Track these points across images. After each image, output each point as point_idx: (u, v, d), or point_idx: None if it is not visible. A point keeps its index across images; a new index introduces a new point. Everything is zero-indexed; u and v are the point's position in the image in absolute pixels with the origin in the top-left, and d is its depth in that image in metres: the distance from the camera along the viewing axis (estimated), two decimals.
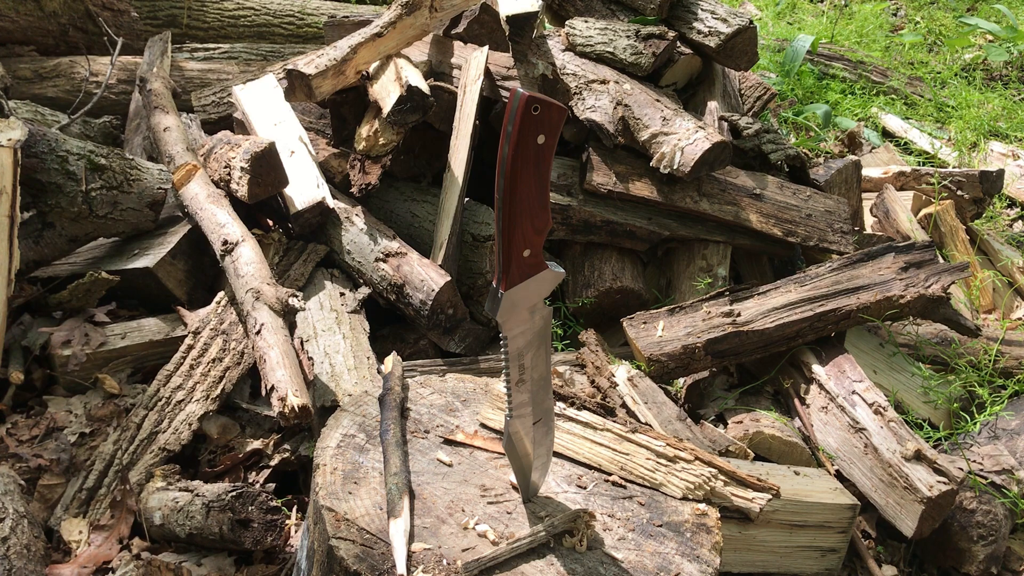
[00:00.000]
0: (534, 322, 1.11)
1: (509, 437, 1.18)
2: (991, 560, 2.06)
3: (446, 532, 1.18)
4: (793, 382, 2.33)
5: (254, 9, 3.79)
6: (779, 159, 2.71)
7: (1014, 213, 3.81)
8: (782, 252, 2.67)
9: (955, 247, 3.17)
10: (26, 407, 2.18)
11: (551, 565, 1.15)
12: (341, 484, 1.24)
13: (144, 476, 1.98)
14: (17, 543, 1.72)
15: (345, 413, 1.41)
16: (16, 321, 2.30)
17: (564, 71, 2.67)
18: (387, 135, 2.44)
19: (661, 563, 1.18)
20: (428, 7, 2.53)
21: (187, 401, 2.11)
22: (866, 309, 2.32)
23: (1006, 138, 4.39)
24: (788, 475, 2.03)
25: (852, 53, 4.93)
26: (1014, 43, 5.23)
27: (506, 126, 0.90)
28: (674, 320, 2.30)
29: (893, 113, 4.44)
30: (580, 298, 2.49)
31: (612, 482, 1.34)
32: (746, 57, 2.81)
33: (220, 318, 2.26)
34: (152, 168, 2.51)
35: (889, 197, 3.24)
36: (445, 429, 1.39)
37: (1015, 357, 2.58)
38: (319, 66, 2.40)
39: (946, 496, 1.96)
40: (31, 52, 3.45)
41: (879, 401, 2.14)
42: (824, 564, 2.00)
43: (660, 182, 2.53)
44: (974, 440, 2.29)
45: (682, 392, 2.29)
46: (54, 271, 2.42)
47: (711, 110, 2.77)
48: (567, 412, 1.44)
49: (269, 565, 1.84)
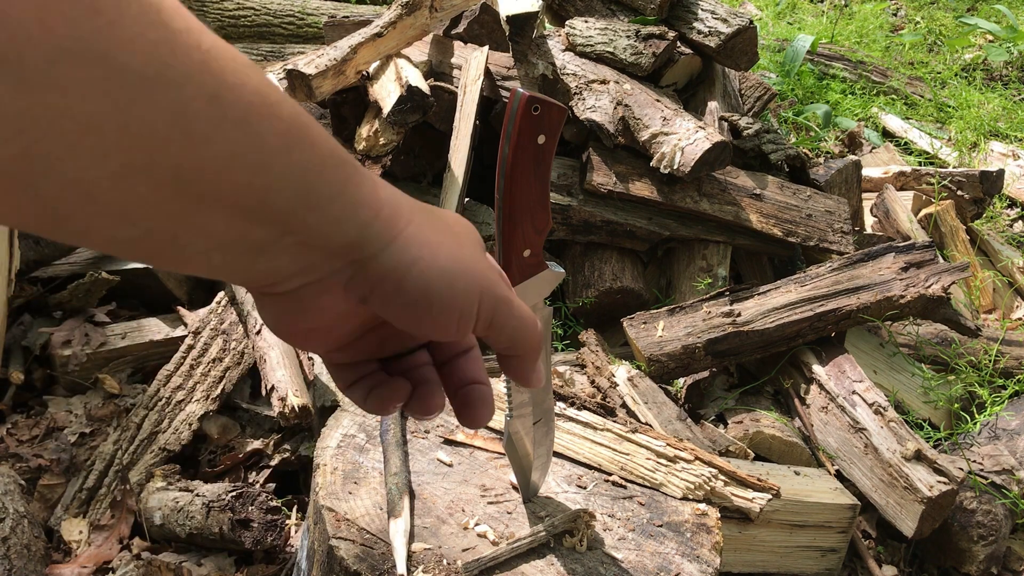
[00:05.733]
0: None
1: (509, 437, 1.18)
2: (991, 560, 2.06)
3: (446, 532, 1.18)
4: (793, 382, 2.33)
5: (254, 9, 3.79)
6: (779, 159, 2.71)
7: (1014, 213, 3.81)
8: (782, 252, 2.67)
9: (955, 247, 3.17)
10: (26, 407, 2.18)
11: (551, 565, 1.15)
12: (341, 484, 1.24)
13: (144, 476, 1.98)
14: (17, 543, 1.72)
15: (345, 413, 1.41)
16: (16, 321, 2.30)
17: (564, 71, 2.67)
18: (387, 135, 2.44)
19: (661, 563, 1.18)
20: (428, 7, 2.53)
21: (187, 401, 2.11)
22: (866, 309, 2.32)
23: (1006, 138, 4.38)
24: (788, 475, 2.03)
25: (852, 53, 4.93)
26: (1014, 43, 5.23)
27: (506, 126, 0.90)
28: (674, 320, 2.30)
29: (893, 113, 4.45)
30: (580, 298, 2.49)
31: (612, 482, 1.34)
32: (746, 57, 2.81)
33: (220, 318, 2.26)
34: None
35: (889, 197, 3.24)
36: (445, 429, 1.39)
37: (1015, 357, 2.58)
38: (319, 66, 2.40)
39: (946, 496, 1.96)
40: None
41: (879, 401, 2.14)
42: (824, 564, 2.00)
43: (660, 182, 2.53)
44: (974, 440, 2.29)
45: (682, 392, 2.29)
46: (54, 271, 2.42)
47: (711, 110, 2.77)
48: (567, 412, 1.44)
49: (269, 565, 1.84)
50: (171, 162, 0.42)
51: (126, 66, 0.39)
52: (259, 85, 0.46)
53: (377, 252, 0.53)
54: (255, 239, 0.49)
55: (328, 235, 0.51)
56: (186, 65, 0.42)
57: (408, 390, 0.64)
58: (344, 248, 0.52)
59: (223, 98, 0.43)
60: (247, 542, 1.78)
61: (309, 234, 0.50)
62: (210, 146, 0.43)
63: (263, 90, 0.46)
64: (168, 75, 0.41)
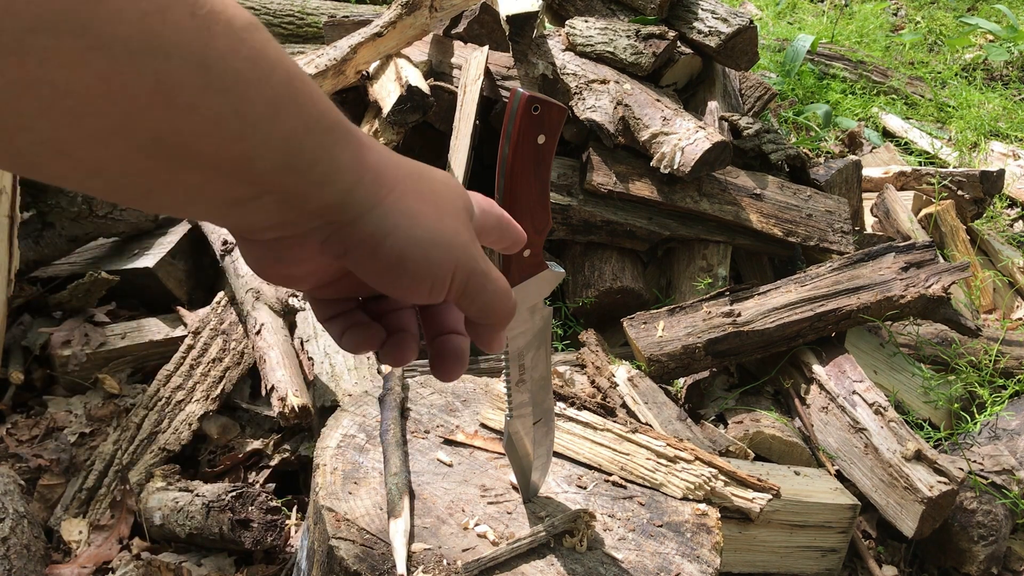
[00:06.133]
0: (534, 322, 1.11)
1: (509, 437, 1.18)
2: (991, 560, 2.06)
3: (446, 532, 1.18)
4: (793, 382, 2.33)
5: (254, 9, 3.78)
6: (779, 159, 2.71)
7: (1015, 213, 3.81)
8: (782, 252, 2.67)
9: (955, 247, 3.17)
10: (26, 407, 2.18)
11: (551, 565, 1.15)
12: (341, 484, 1.23)
13: (144, 476, 1.98)
14: (17, 543, 1.72)
15: (345, 413, 1.41)
16: (16, 321, 2.30)
17: (564, 71, 2.67)
18: (387, 135, 2.44)
19: (661, 563, 1.18)
20: (428, 7, 2.53)
21: (187, 401, 2.11)
22: (866, 309, 2.32)
23: (1006, 138, 4.38)
24: (788, 475, 2.03)
25: (852, 53, 4.93)
26: (1015, 43, 5.22)
27: (506, 126, 0.90)
28: (674, 320, 2.30)
29: (893, 113, 4.44)
30: (580, 298, 2.49)
31: (612, 482, 1.33)
32: (746, 57, 2.80)
33: (220, 318, 2.25)
34: None
35: (889, 197, 3.24)
36: (445, 429, 1.39)
37: (1016, 357, 2.58)
38: (319, 66, 2.40)
39: (946, 496, 1.96)
40: None
41: (879, 401, 2.14)
42: (824, 564, 2.00)
43: (660, 182, 2.53)
44: (974, 440, 2.29)
45: (682, 392, 2.29)
46: (54, 271, 2.42)
47: (711, 110, 2.77)
48: (567, 412, 1.44)
49: (269, 565, 1.84)
50: (150, 127, 0.42)
51: (112, 36, 0.39)
52: (252, 51, 0.45)
53: (355, 217, 0.54)
54: (232, 196, 0.49)
55: (307, 197, 0.51)
56: (176, 34, 0.41)
57: (383, 336, 0.65)
58: (322, 210, 0.53)
59: (211, 67, 0.43)
60: (247, 542, 1.78)
61: (287, 195, 0.51)
62: (192, 114, 0.43)
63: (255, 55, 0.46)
64: (155, 44, 0.40)
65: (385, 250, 0.55)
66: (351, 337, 0.64)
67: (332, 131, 0.52)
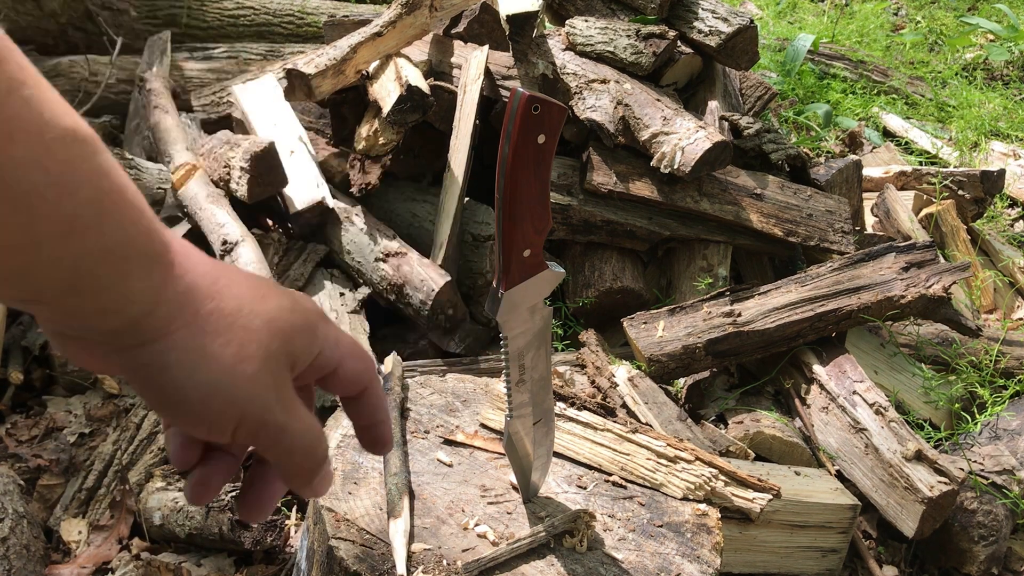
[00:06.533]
0: (534, 322, 1.11)
1: (509, 437, 1.18)
2: (992, 560, 2.06)
3: (446, 532, 1.18)
4: (794, 382, 2.33)
5: (254, 8, 3.78)
6: (780, 159, 2.71)
7: (1015, 213, 3.81)
8: (783, 252, 2.67)
9: (956, 247, 3.17)
10: (26, 407, 2.18)
11: (551, 565, 1.15)
12: (341, 484, 1.23)
13: (144, 476, 1.98)
14: (17, 543, 1.72)
15: (345, 414, 1.41)
16: (16, 321, 2.30)
17: (564, 70, 2.66)
18: (387, 135, 2.43)
19: (662, 563, 1.18)
20: (428, 6, 2.52)
21: None
22: (867, 309, 2.31)
23: (1007, 138, 4.38)
24: (789, 475, 2.02)
25: (853, 52, 4.93)
26: (1015, 42, 5.22)
27: (506, 126, 0.90)
28: (674, 320, 2.29)
29: (894, 113, 4.44)
30: (580, 298, 2.49)
31: (612, 482, 1.33)
32: (747, 56, 2.80)
33: None
34: (151, 168, 2.51)
35: (890, 197, 3.24)
36: (445, 429, 1.39)
37: (1016, 357, 2.58)
38: (319, 65, 2.39)
39: (947, 496, 1.95)
40: (30, 52, 3.44)
41: (880, 401, 2.14)
42: (825, 564, 2.00)
43: (661, 182, 2.52)
44: (975, 440, 2.29)
45: (682, 392, 2.29)
46: None
47: (712, 110, 2.76)
48: (567, 412, 1.44)
49: (269, 565, 1.84)
50: None
51: None
52: (57, 164, 0.44)
53: (135, 345, 0.52)
54: (8, 295, 0.48)
55: (89, 319, 0.50)
56: None
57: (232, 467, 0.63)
58: (103, 333, 0.52)
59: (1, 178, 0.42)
60: (247, 542, 1.78)
61: (67, 312, 0.50)
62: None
63: (61, 170, 0.44)
64: None
65: (161, 383, 0.53)
66: (175, 454, 0.61)
67: (134, 259, 0.50)
